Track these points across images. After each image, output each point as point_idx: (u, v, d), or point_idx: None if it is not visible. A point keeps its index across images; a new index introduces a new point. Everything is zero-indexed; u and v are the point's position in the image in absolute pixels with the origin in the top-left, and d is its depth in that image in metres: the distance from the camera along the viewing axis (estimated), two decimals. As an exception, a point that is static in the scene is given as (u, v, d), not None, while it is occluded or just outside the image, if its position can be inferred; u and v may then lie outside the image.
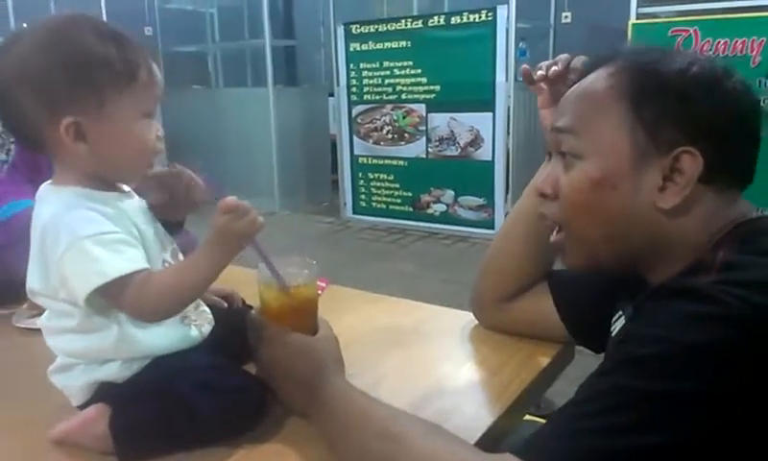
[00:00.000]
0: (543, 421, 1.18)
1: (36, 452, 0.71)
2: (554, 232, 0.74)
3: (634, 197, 0.65)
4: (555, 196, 0.71)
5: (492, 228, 4.29)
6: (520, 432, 0.84)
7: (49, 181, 0.74)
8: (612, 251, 0.69)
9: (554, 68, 0.85)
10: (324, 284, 1.23)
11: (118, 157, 0.71)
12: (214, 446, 0.69)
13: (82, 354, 0.73)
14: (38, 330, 0.77)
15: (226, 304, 0.91)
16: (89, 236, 0.66)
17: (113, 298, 0.67)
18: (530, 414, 1.01)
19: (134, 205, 0.75)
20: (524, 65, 0.91)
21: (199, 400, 0.68)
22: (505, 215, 4.24)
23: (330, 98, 5.30)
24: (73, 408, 0.74)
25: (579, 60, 0.83)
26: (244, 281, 0.80)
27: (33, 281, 0.72)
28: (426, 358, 0.95)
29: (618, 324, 0.79)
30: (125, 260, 0.67)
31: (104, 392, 0.72)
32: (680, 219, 0.64)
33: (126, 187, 0.77)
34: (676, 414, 0.52)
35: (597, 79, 0.68)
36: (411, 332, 1.04)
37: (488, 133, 4.23)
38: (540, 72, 0.87)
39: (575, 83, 0.73)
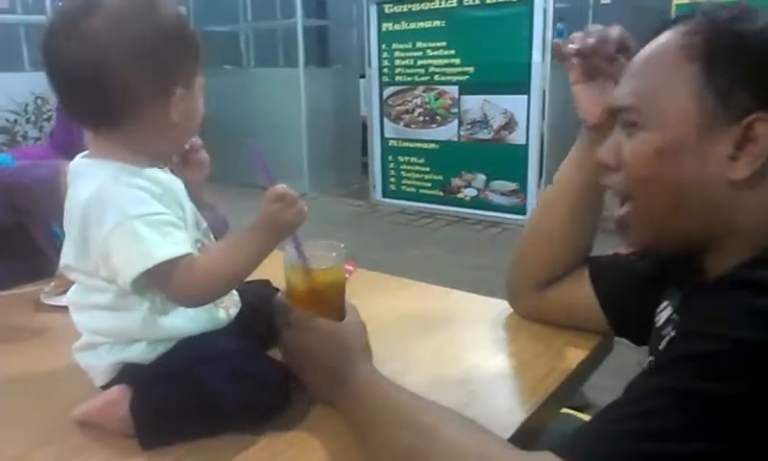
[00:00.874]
0: (579, 413, 1.14)
1: (58, 433, 0.70)
2: (618, 207, 0.70)
3: (702, 167, 0.60)
4: (618, 167, 0.67)
5: (525, 213, 4.21)
6: (556, 426, 0.80)
7: (84, 154, 0.72)
8: (679, 226, 0.64)
9: (589, 40, 0.80)
10: (351, 268, 1.21)
11: (187, 130, 0.72)
12: (237, 433, 0.68)
13: (108, 332, 0.71)
14: (66, 308, 0.76)
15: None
16: (138, 216, 0.64)
17: (157, 281, 0.66)
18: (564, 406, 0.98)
19: (177, 182, 0.73)
20: (555, 40, 0.87)
21: (222, 386, 0.66)
22: (538, 201, 4.16)
23: (361, 79, 5.26)
24: (96, 388, 0.72)
25: (615, 31, 0.79)
26: (271, 263, 0.77)
27: (68, 257, 0.70)
28: (457, 347, 0.91)
29: (664, 314, 0.74)
30: (173, 243, 0.65)
31: (127, 373, 0.71)
32: (751, 193, 0.59)
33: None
34: (732, 418, 0.48)
35: (669, 38, 0.64)
36: (441, 319, 1.00)
37: (522, 115, 4.14)
38: (571, 45, 0.82)
39: (616, 53, 0.68)
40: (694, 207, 0.62)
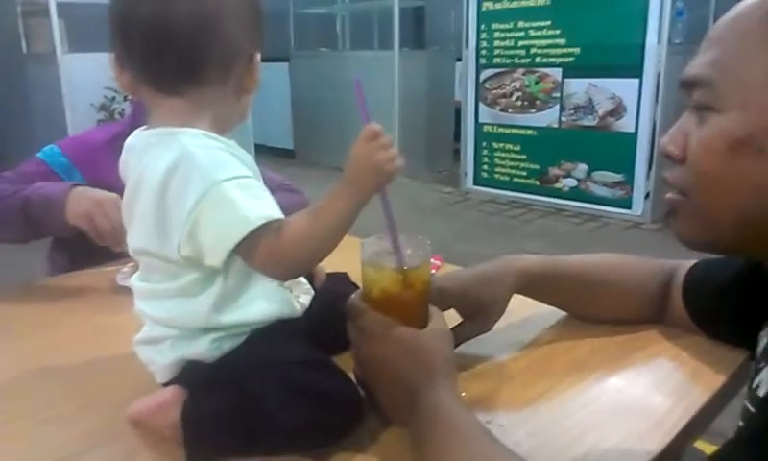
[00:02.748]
0: (708, 445, 0.99)
1: (109, 433, 0.64)
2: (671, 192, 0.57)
3: None
4: (683, 158, 0.54)
5: (630, 207, 3.90)
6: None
7: (145, 128, 0.65)
8: (743, 237, 0.52)
9: None
10: (438, 262, 1.10)
11: (249, 101, 0.70)
12: (297, 457, 0.58)
13: (175, 322, 0.65)
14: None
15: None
16: (227, 179, 0.57)
17: (248, 250, 0.58)
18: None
19: (250, 156, 0.66)
20: None
21: (277, 403, 0.57)
22: (646, 195, 3.83)
23: (458, 63, 5.08)
24: (155, 384, 0.66)
25: None
26: (349, 254, 0.69)
27: (141, 239, 0.64)
28: (560, 363, 0.78)
29: (763, 342, 0.59)
30: (267, 206, 0.59)
31: (188, 374, 0.65)
32: None
33: None
34: None
35: (753, 1, 0.50)
36: (539, 328, 0.87)
37: (632, 101, 3.81)
38: None
39: None
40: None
